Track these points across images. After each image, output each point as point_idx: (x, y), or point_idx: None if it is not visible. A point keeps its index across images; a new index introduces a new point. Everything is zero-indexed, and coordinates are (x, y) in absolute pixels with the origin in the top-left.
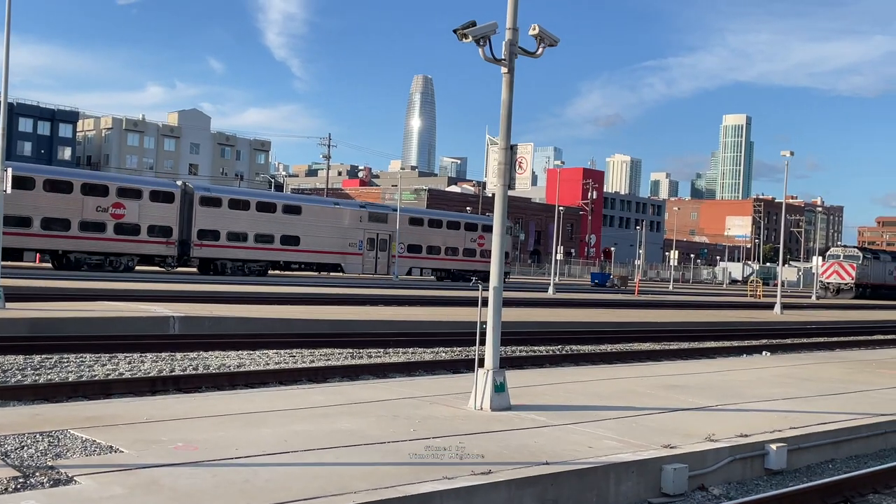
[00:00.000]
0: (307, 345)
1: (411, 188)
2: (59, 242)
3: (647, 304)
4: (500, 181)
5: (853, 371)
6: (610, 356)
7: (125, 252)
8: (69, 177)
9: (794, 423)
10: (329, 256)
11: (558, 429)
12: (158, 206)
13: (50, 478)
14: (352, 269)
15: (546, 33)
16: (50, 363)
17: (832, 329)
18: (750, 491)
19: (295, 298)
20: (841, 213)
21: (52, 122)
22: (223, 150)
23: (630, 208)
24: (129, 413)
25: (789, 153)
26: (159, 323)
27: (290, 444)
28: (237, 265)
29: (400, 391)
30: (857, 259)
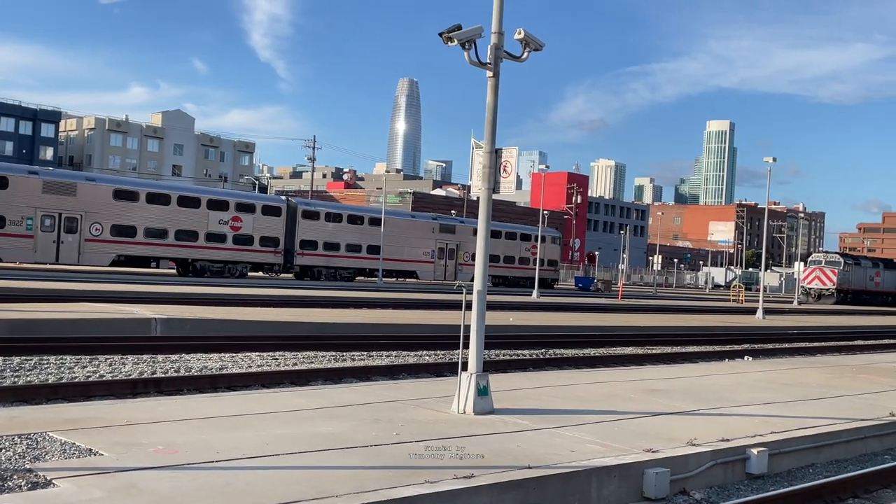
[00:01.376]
0: (290, 347)
1: (396, 191)
2: (188, 252)
3: (631, 308)
4: (485, 185)
5: (834, 376)
6: (593, 360)
7: (241, 260)
8: (197, 193)
9: (775, 428)
10: (407, 264)
11: (541, 432)
12: (268, 220)
13: (28, 481)
14: (425, 275)
15: (531, 38)
16: (29, 365)
17: (813, 334)
18: (731, 495)
19: (278, 301)
20: (822, 220)
21: (34, 122)
22: (207, 152)
23: (614, 213)
24: (109, 415)
25: (772, 159)
26: (141, 325)
27: (272, 448)
28: (331, 272)
29: (383, 394)
30: (838, 265)
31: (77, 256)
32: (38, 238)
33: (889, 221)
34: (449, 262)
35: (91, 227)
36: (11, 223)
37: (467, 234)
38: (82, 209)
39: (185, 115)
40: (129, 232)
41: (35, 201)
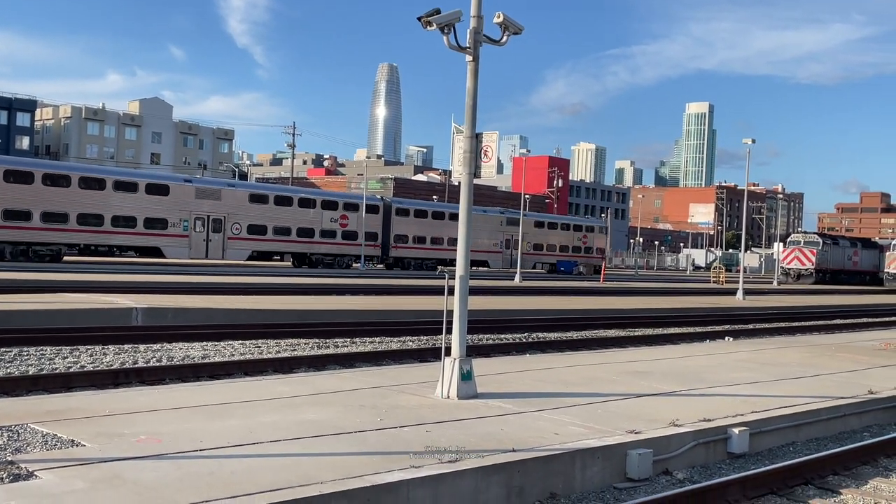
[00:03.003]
0: (273, 335)
1: (377, 177)
2: (307, 247)
3: (613, 291)
4: (466, 170)
5: (813, 355)
6: (576, 343)
7: (348, 253)
8: (313, 195)
9: (755, 408)
10: (480, 254)
11: (525, 416)
12: (369, 217)
13: (10, 473)
14: (494, 263)
15: (510, 21)
16: (9, 356)
17: (793, 314)
18: (713, 475)
19: (260, 289)
20: (801, 200)
21: (9, 111)
22: (186, 139)
23: (595, 196)
24: (91, 406)
25: (751, 141)
26: (122, 315)
27: (256, 436)
28: (418, 262)
29: (367, 381)
30: (817, 245)
31: (221, 253)
32: (192, 237)
33: (867, 201)
34: (514, 252)
35: (232, 226)
36: (172, 225)
37: (529, 226)
38: (225, 211)
39: (162, 102)
40: (262, 230)
41: (189, 206)
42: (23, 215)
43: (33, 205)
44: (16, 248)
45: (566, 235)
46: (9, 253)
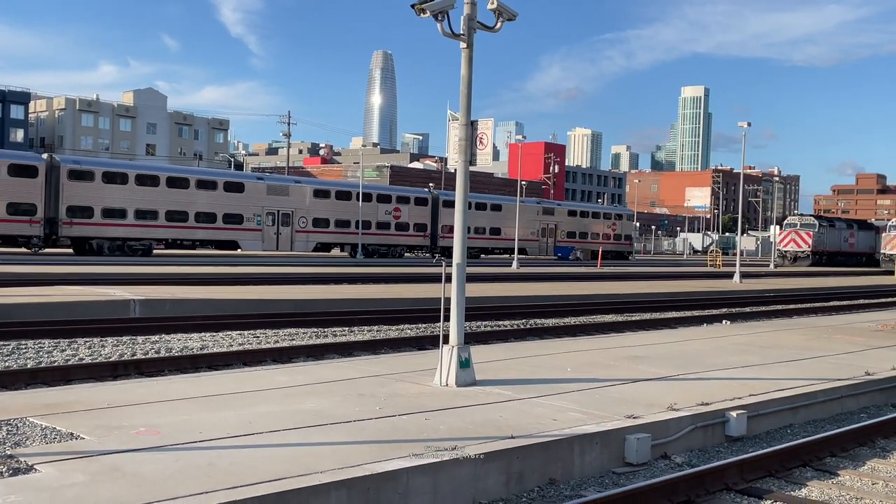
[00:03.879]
0: (271, 325)
1: (373, 165)
2: (366, 238)
3: (610, 276)
4: (462, 157)
5: (810, 338)
6: (573, 329)
7: (400, 244)
8: (370, 190)
9: (753, 391)
10: (520, 243)
11: (523, 402)
12: (419, 209)
13: (9, 467)
14: (532, 251)
15: (504, 7)
16: (7, 350)
17: (790, 297)
18: (711, 458)
19: (257, 279)
20: (797, 183)
21: (2, 104)
22: (181, 130)
23: (592, 181)
24: (89, 399)
25: (746, 124)
26: (120, 306)
27: (255, 426)
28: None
29: (365, 369)
30: (813, 227)
31: (290, 245)
32: (264, 231)
33: (862, 183)
34: (550, 240)
35: (299, 220)
36: (247, 220)
37: (563, 215)
38: (292, 206)
39: (157, 93)
40: (325, 223)
41: (262, 202)
42: (119, 213)
43: (128, 203)
44: (112, 244)
45: (597, 223)
46: (107, 248)
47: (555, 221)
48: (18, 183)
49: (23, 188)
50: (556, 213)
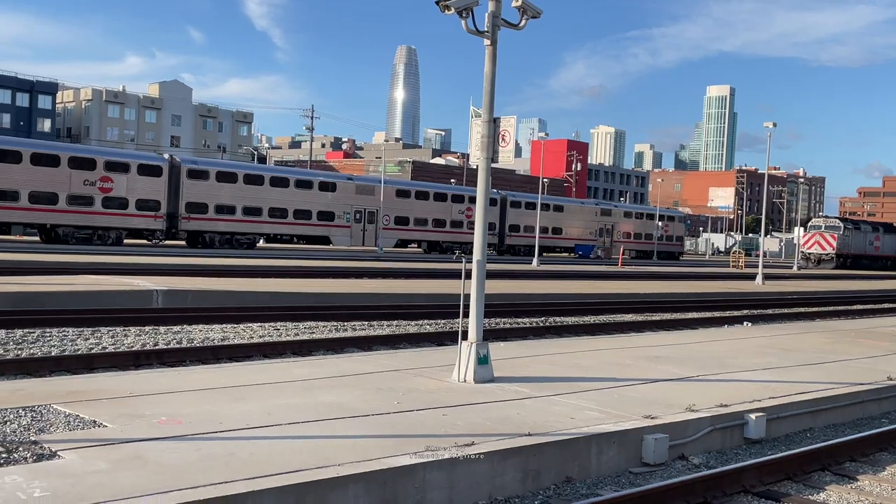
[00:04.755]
0: (292, 318)
1: (395, 160)
2: (441, 236)
3: (631, 275)
4: (484, 154)
5: (833, 341)
6: (593, 328)
7: (463, 241)
8: (445, 190)
9: (773, 393)
10: (570, 242)
11: (541, 400)
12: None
13: (33, 452)
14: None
15: (529, 5)
16: (32, 337)
17: (813, 299)
18: (729, 460)
19: (279, 271)
20: (823, 184)
21: (31, 94)
22: (205, 122)
23: (614, 180)
24: (112, 387)
25: (772, 124)
26: (143, 297)
27: (275, 418)
28: (527, 249)
29: (384, 364)
30: (838, 230)
31: (374, 241)
32: (353, 228)
33: (889, 185)
34: (608, 239)
35: (383, 218)
36: (338, 217)
37: (619, 216)
38: (378, 205)
39: (182, 85)
40: (405, 221)
41: (351, 200)
42: (229, 210)
43: (237, 201)
44: (222, 238)
45: (650, 224)
46: (217, 241)
47: (612, 222)
48: (146, 182)
49: (149, 186)
50: (613, 214)
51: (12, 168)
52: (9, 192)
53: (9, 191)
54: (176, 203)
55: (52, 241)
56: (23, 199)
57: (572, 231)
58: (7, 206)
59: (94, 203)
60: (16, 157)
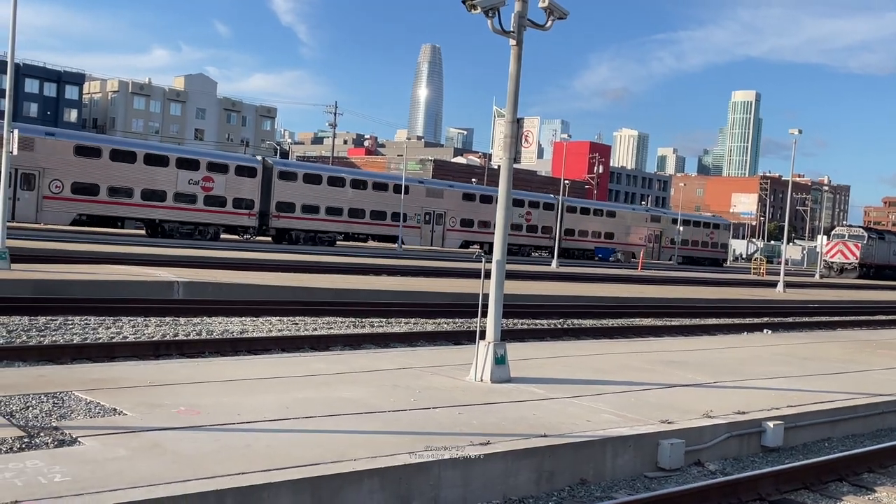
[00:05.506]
0: (310, 313)
1: (417, 158)
2: None
3: (650, 279)
4: (506, 154)
5: (853, 351)
6: (611, 331)
7: (530, 244)
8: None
9: (791, 402)
10: (631, 247)
11: (557, 402)
12: (547, 213)
13: (54, 438)
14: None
15: (556, 6)
16: (55, 325)
17: (834, 309)
18: (746, 467)
19: (299, 266)
20: (847, 193)
21: (58, 84)
22: (229, 116)
23: (636, 183)
24: (132, 376)
25: (797, 131)
26: (164, 287)
27: (291, 411)
28: (584, 252)
29: (401, 361)
30: (861, 239)
31: (441, 242)
32: (422, 229)
33: None
34: (656, 245)
35: (450, 220)
36: (409, 218)
37: (668, 223)
38: (445, 208)
39: (207, 78)
40: (470, 224)
41: (422, 203)
42: (313, 209)
43: (321, 201)
44: (307, 235)
45: (698, 231)
46: (302, 238)
47: (660, 228)
48: (242, 182)
49: (245, 186)
50: (661, 220)
51: (128, 167)
52: (124, 189)
53: (124, 188)
54: (267, 202)
55: (157, 235)
56: (136, 196)
57: (625, 236)
58: (123, 202)
59: (197, 201)
60: (131, 158)
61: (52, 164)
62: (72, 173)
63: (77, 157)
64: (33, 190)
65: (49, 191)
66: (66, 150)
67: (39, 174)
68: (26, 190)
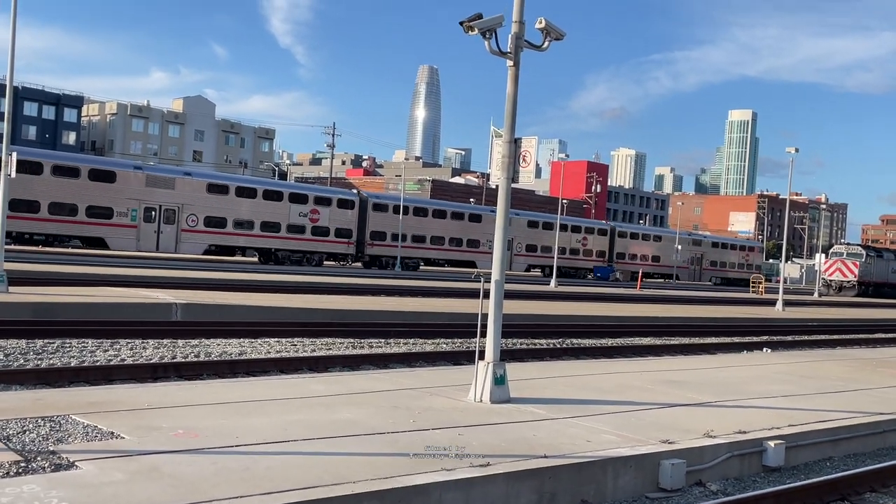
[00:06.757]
0: (309, 334)
1: (415, 178)
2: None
3: (649, 298)
4: (504, 174)
5: (853, 369)
6: (610, 350)
7: (585, 267)
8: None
9: (792, 421)
10: (667, 269)
11: (557, 422)
12: (600, 238)
13: (51, 462)
14: (682, 276)
15: (552, 27)
16: (52, 348)
17: (833, 327)
18: (747, 487)
19: (297, 287)
20: (845, 211)
21: (57, 107)
22: (227, 138)
23: (634, 202)
24: (130, 399)
25: (794, 150)
26: (162, 309)
27: (290, 433)
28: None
29: (400, 382)
30: (860, 257)
31: (509, 266)
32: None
33: None
34: (697, 267)
35: (516, 245)
36: (482, 245)
37: (708, 247)
38: (512, 234)
39: (205, 100)
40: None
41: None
42: (402, 237)
43: (407, 230)
44: (394, 261)
45: (733, 254)
46: (391, 264)
47: (701, 251)
48: (342, 213)
49: (345, 217)
50: (702, 244)
51: (251, 202)
52: (247, 221)
53: (247, 220)
54: (362, 231)
55: (269, 262)
56: (256, 227)
57: (666, 258)
58: (245, 233)
59: (305, 231)
60: (252, 194)
61: (189, 201)
62: (205, 208)
63: (209, 193)
64: (173, 224)
65: (186, 224)
66: (200, 188)
67: (178, 210)
68: (167, 224)
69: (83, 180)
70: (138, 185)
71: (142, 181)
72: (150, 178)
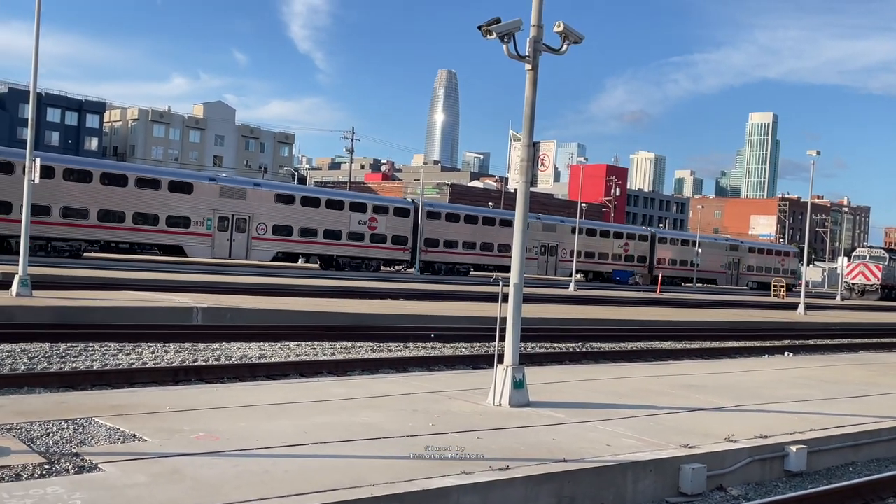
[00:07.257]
0: (328, 338)
1: (434, 183)
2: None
3: (669, 302)
4: (523, 178)
5: (876, 374)
6: (630, 354)
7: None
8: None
9: (814, 425)
10: (712, 274)
11: (576, 426)
12: (641, 244)
13: (75, 465)
14: (721, 281)
15: (571, 30)
16: (75, 351)
17: (856, 331)
18: (769, 492)
19: (317, 291)
20: (868, 214)
21: (79, 113)
22: (247, 143)
23: (654, 206)
24: (152, 402)
25: (816, 152)
26: (183, 313)
27: (310, 437)
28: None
29: (419, 385)
30: (883, 260)
31: (555, 272)
32: (539, 260)
33: None
34: (735, 272)
35: (561, 251)
36: (530, 251)
37: (745, 252)
38: (558, 241)
39: (226, 106)
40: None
41: (539, 236)
42: (453, 244)
43: (459, 237)
44: (446, 267)
45: (770, 259)
46: (443, 270)
47: (738, 256)
48: (398, 221)
49: (401, 225)
50: (739, 249)
51: (315, 211)
52: (311, 229)
53: (311, 229)
54: (416, 238)
55: (330, 268)
56: (319, 235)
57: (709, 265)
58: (310, 241)
59: (364, 238)
60: (316, 203)
61: (258, 210)
62: (273, 217)
63: (277, 203)
64: (244, 232)
65: (256, 233)
66: (269, 198)
67: (249, 219)
68: (239, 232)
69: (163, 191)
70: (213, 195)
71: (216, 192)
72: (224, 188)
